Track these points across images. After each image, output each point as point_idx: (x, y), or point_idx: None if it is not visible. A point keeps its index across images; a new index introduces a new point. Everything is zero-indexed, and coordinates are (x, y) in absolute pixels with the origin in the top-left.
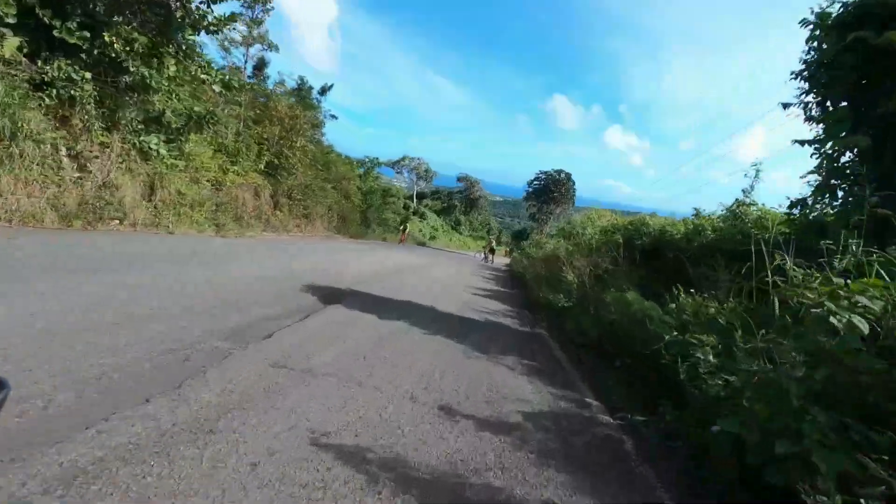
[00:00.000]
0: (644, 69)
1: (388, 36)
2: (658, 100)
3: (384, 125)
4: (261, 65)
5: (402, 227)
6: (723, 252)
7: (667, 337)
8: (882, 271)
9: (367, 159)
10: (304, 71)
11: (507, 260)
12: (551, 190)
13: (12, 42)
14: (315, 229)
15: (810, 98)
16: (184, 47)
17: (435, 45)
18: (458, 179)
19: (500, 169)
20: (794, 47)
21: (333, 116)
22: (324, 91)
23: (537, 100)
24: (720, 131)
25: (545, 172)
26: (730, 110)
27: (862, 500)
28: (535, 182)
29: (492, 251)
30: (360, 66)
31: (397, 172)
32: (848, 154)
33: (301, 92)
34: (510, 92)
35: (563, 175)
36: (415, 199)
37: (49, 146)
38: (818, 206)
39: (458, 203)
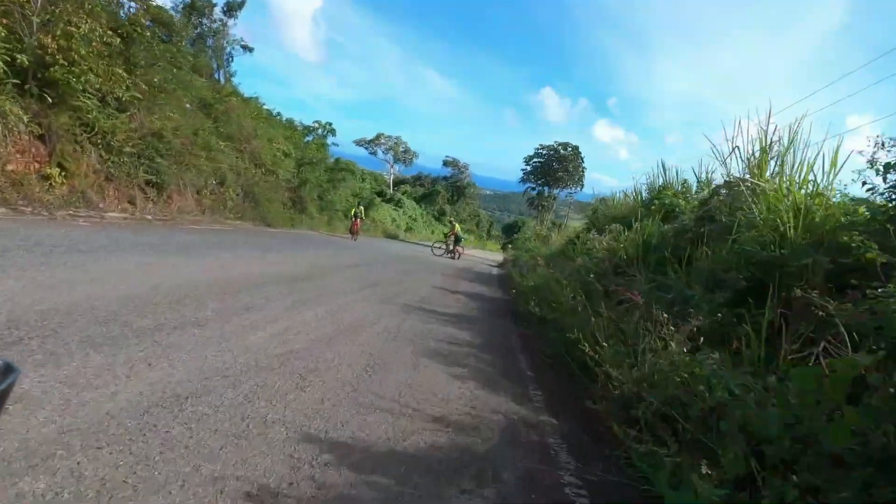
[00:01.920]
0: (632, 63)
1: (374, 26)
2: (646, 93)
3: (371, 117)
4: None
5: (353, 214)
6: None
7: None
8: None
9: (316, 124)
10: (289, 60)
11: (489, 254)
12: (555, 168)
13: None
14: (172, 211)
15: None
16: None
17: (423, 36)
18: (445, 164)
19: (489, 162)
20: (783, 44)
21: (246, 48)
22: (231, 9)
23: (526, 93)
24: (707, 126)
25: (546, 146)
26: (717, 104)
27: None
28: (535, 159)
29: (456, 240)
30: (348, 57)
31: (370, 153)
32: None
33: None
34: (498, 84)
35: (569, 149)
36: (391, 185)
37: None
38: None
39: (442, 190)
